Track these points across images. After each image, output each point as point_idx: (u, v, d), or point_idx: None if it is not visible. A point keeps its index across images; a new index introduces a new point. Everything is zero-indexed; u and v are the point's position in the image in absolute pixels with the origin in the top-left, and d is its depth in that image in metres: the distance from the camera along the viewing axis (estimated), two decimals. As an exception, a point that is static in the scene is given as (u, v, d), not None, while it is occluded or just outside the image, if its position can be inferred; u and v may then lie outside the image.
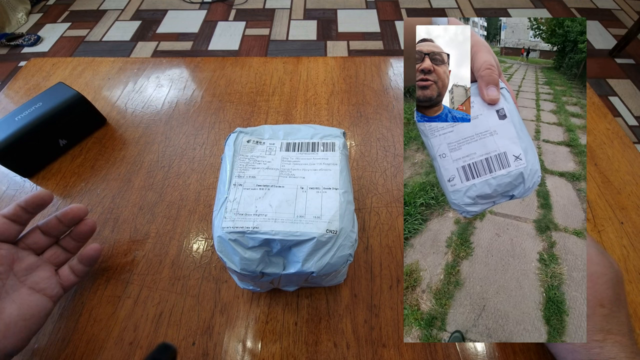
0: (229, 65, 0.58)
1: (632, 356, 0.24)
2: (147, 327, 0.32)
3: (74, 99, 0.44)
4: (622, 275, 0.28)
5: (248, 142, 0.32)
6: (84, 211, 0.32)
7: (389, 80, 0.55)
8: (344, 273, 0.32)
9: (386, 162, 0.44)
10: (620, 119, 1.43)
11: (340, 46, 1.76)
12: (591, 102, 0.52)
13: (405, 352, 0.30)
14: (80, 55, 1.74)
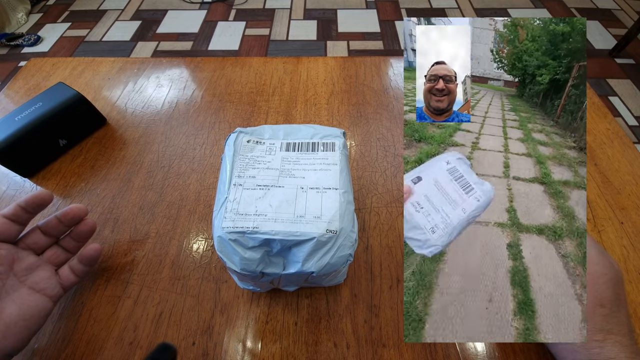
0: (229, 65, 0.58)
1: (632, 356, 0.24)
2: (147, 327, 0.32)
3: (74, 99, 0.44)
4: (622, 275, 0.28)
5: (248, 142, 0.32)
6: (84, 211, 0.32)
7: (389, 80, 0.55)
8: (344, 273, 0.32)
9: (386, 162, 0.44)
10: (620, 119, 1.43)
11: (340, 46, 1.76)
12: (591, 102, 0.52)
13: (405, 352, 0.30)
14: (80, 55, 1.74)
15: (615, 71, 1.63)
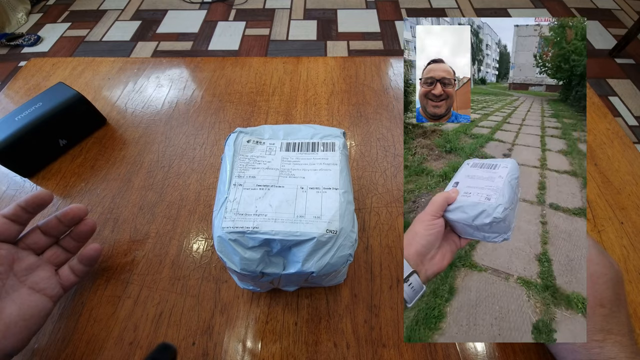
0: (229, 65, 0.58)
1: (632, 356, 0.24)
2: (147, 327, 0.32)
3: (74, 99, 0.44)
4: (622, 275, 0.28)
5: (248, 142, 0.32)
6: (84, 211, 0.32)
7: (389, 80, 0.55)
8: (344, 273, 0.32)
9: (386, 162, 0.44)
10: (620, 119, 1.43)
11: (340, 46, 1.76)
12: (591, 102, 0.52)
13: (405, 352, 0.30)
14: (80, 55, 1.74)
15: (615, 71, 1.63)
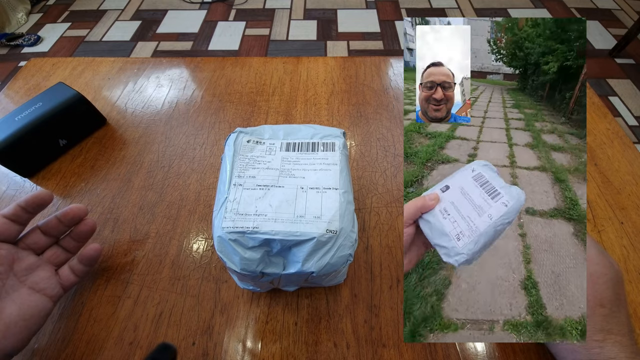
0: (229, 65, 0.58)
1: (632, 356, 0.24)
2: (147, 327, 0.32)
3: (74, 99, 0.44)
4: (622, 275, 0.28)
5: (248, 142, 0.32)
6: (84, 211, 0.32)
7: (389, 80, 0.55)
8: (344, 273, 0.32)
9: (386, 162, 0.44)
10: (620, 119, 1.43)
11: (340, 46, 1.76)
12: (591, 102, 0.52)
13: (405, 352, 0.30)
14: (80, 55, 1.74)
15: (615, 71, 1.63)
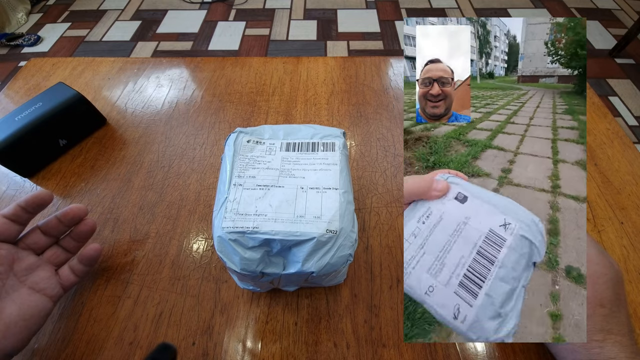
0: (229, 65, 0.58)
1: (632, 356, 0.24)
2: (147, 327, 0.32)
3: (74, 99, 0.44)
4: (622, 275, 0.28)
5: (248, 142, 0.32)
6: (84, 211, 0.32)
7: (389, 80, 0.55)
8: (344, 273, 0.32)
9: (386, 162, 0.44)
10: (620, 119, 1.43)
11: (340, 46, 1.76)
12: (591, 102, 0.52)
13: (405, 352, 0.30)
14: (80, 55, 1.74)
15: (615, 71, 1.63)
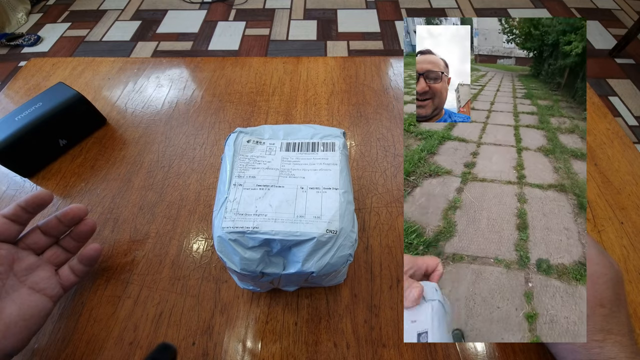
0: (229, 65, 0.58)
1: (632, 356, 0.24)
2: (147, 327, 0.32)
3: (74, 99, 0.44)
4: (622, 275, 0.28)
5: (248, 142, 0.32)
6: (84, 211, 0.32)
7: (389, 80, 0.55)
8: (344, 273, 0.32)
9: (386, 162, 0.44)
10: (620, 119, 1.43)
11: (340, 46, 1.76)
12: (591, 102, 0.52)
13: (405, 352, 0.30)
14: (80, 55, 1.74)
15: (615, 71, 1.63)
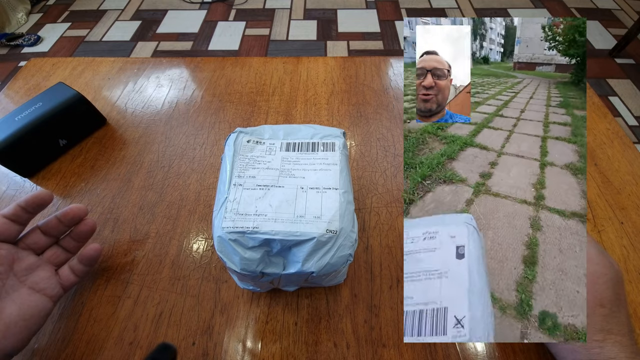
0: (229, 65, 0.58)
1: (632, 356, 0.24)
2: (147, 327, 0.32)
3: (74, 99, 0.44)
4: (622, 275, 0.28)
5: (248, 142, 0.32)
6: (84, 211, 0.32)
7: (389, 80, 0.55)
8: (344, 273, 0.32)
9: (386, 162, 0.44)
10: (620, 119, 1.43)
11: (340, 46, 1.76)
12: (591, 102, 0.52)
13: (405, 352, 0.30)
14: (80, 55, 1.74)
15: (615, 71, 1.63)
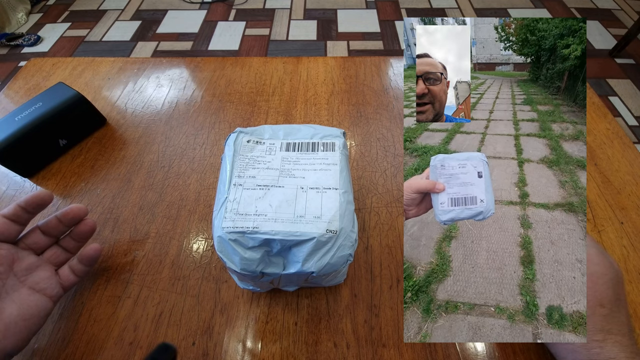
0: (229, 65, 0.58)
1: (632, 356, 0.24)
2: (147, 327, 0.32)
3: (74, 99, 0.44)
4: (622, 275, 0.28)
5: (248, 142, 0.32)
6: (84, 211, 0.32)
7: (389, 80, 0.55)
8: (344, 273, 0.32)
9: (386, 162, 0.44)
10: (620, 119, 1.43)
11: (340, 46, 1.76)
12: (591, 102, 0.52)
13: (405, 352, 0.30)
14: (80, 55, 1.74)
15: (615, 71, 1.63)
